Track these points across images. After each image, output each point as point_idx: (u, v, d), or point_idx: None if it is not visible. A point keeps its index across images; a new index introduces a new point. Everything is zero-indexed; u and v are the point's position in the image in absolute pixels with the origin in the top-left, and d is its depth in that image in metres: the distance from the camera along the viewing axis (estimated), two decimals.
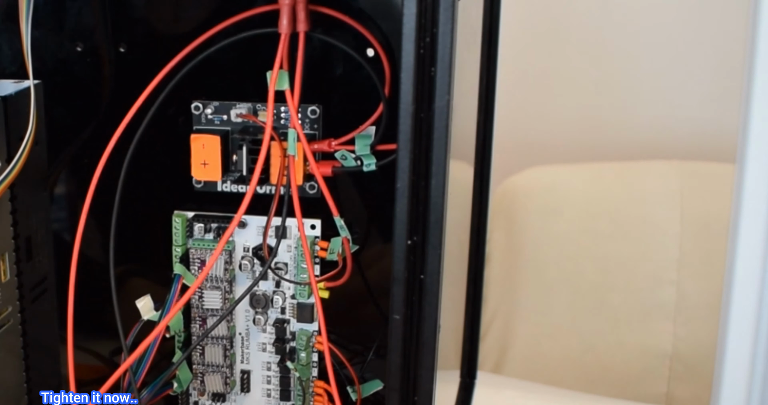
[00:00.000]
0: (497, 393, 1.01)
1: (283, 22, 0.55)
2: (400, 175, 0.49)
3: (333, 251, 0.61)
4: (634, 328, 1.30)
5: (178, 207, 0.63)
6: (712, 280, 1.25)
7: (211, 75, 0.61)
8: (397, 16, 0.51)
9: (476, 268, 0.79)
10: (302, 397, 0.64)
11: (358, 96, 0.61)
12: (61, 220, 0.66)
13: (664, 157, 1.37)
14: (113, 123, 0.58)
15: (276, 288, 0.63)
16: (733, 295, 0.56)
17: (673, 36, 1.41)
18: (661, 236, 1.30)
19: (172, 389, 0.63)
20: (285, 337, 0.63)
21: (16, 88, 0.59)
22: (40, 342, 0.64)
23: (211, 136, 0.59)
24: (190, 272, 0.62)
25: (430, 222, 0.50)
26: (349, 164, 0.59)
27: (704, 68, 1.41)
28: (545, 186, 1.37)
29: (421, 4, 0.47)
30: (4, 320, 0.59)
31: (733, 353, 0.57)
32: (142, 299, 0.60)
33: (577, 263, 1.32)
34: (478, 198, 0.78)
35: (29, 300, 0.62)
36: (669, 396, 1.29)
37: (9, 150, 0.57)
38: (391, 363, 0.52)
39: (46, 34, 0.62)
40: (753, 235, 0.55)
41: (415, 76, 0.48)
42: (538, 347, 1.33)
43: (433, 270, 0.51)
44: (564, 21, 1.44)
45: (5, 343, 0.60)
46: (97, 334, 0.68)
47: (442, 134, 0.49)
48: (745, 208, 0.54)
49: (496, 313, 1.36)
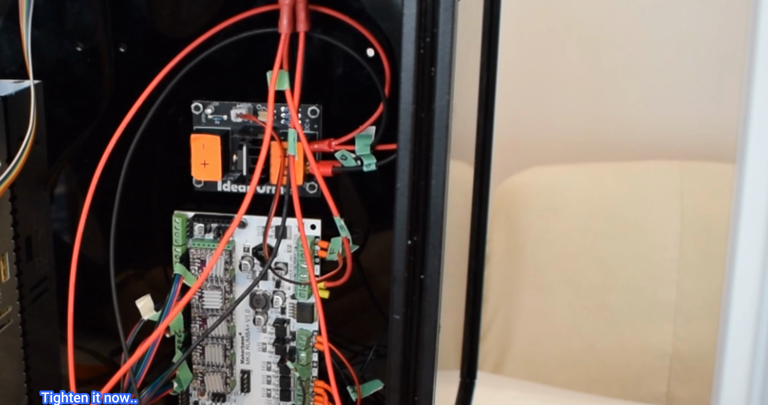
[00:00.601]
0: (497, 393, 1.01)
1: (283, 22, 0.55)
2: (400, 175, 0.49)
3: (333, 251, 0.61)
4: (634, 328, 1.30)
5: (178, 207, 0.63)
6: (712, 280, 1.26)
7: (211, 75, 0.61)
8: (397, 16, 0.51)
9: (476, 268, 0.79)
10: (302, 397, 0.64)
11: (358, 96, 0.61)
12: (61, 220, 0.66)
13: (664, 157, 1.37)
14: (113, 123, 0.58)
15: (276, 288, 0.63)
16: (733, 295, 0.56)
17: (673, 36, 1.41)
18: (661, 236, 1.30)
19: (172, 389, 0.63)
20: (285, 337, 0.63)
21: (16, 88, 0.59)
22: (40, 342, 0.64)
23: (211, 136, 0.59)
24: (190, 272, 0.62)
25: (430, 222, 0.50)
26: (349, 164, 0.59)
27: (704, 68, 1.41)
28: (545, 186, 1.37)
29: (421, 4, 0.47)
30: (4, 320, 0.59)
31: (733, 353, 0.57)
32: (142, 299, 0.60)
33: (577, 263, 1.32)
34: (478, 198, 0.78)
35: (29, 300, 0.62)
36: (669, 396, 1.29)
37: (9, 150, 0.57)
38: (391, 363, 0.52)
39: (46, 34, 0.62)
40: (753, 235, 0.55)
41: (415, 76, 0.48)
42: (538, 347, 1.33)
43: (433, 270, 0.51)
44: (564, 21, 1.44)
45: (5, 343, 0.60)
46: (97, 334, 0.68)
47: (442, 134, 0.49)
48: (745, 208, 0.54)
49: (496, 313, 1.36)
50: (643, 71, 1.42)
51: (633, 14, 1.41)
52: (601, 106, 1.45)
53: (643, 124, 1.44)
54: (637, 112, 1.44)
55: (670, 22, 1.40)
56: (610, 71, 1.44)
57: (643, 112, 1.43)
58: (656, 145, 1.42)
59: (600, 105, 1.45)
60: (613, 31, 1.42)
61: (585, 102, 1.45)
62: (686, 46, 1.40)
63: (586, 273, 1.32)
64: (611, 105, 1.45)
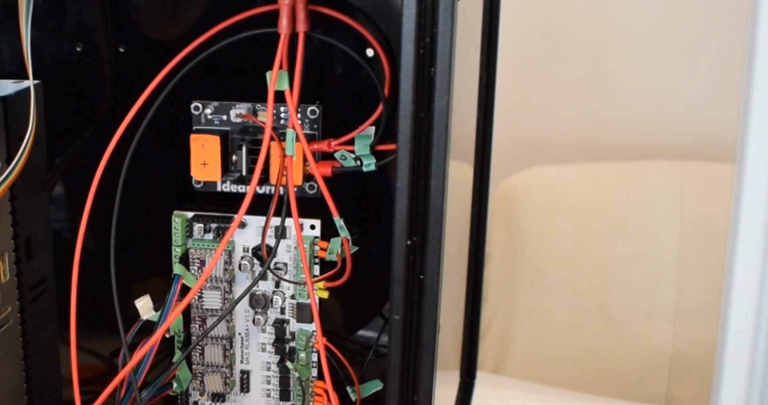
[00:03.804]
0: (497, 393, 1.01)
1: (283, 22, 0.55)
2: (399, 175, 0.49)
3: (332, 251, 0.61)
4: (633, 328, 1.30)
5: (178, 207, 0.63)
6: (712, 280, 1.26)
7: (211, 75, 0.61)
8: (397, 16, 0.51)
9: (476, 268, 0.79)
10: (302, 397, 0.64)
11: (358, 96, 0.61)
12: (61, 220, 0.67)
13: (664, 157, 1.37)
14: (113, 123, 0.58)
15: (276, 288, 0.63)
16: (733, 295, 0.56)
17: (673, 36, 1.41)
18: (661, 236, 1.30)
19: (172, 389, 0.63)
20: (285, 337, 0.63)
21: (16, 88, 0.59)
22: (40, 342, 0.64)
23: (210, 136, 0.59)
24: (189, 272, 0.62)
25: (429, 222, 0.50)
26: (348, 164, 0.59)
27: (704, 68, 1.41)
28: (545, 186, 1.37)
29: (420, 4, 0.47)
30: (4, 320, 0.59)
31: (733, 353, 0.57)
32: (141, 299, 0.60)
33: (577, 263, 1.32)
34: (477, 198, 0.78)
35: (29, 300, 0.62)
36: (669, 396, 1.29)
37: (9, 150, 0.57)
38: (391, 363, 0.52)
39: (46, 34, 0.62)
40: (753, 235, 0.55)
41: (414, 76, 0.48)
42: (538, 347, 1.33)
43: (433, 270, 0.51)
44: (564, 21, 1.44)
45: (5, 343, 0.60)
46: (96, 333, 0.68)
47: (442, 134, 0.49)
48: (744, 208, 0.54)
49: (496, 313, 1.36)
50: (642, 71, 1.42)
51: (633, 14, 1.41)
52: (601, 106, 1.45)
53: (643, 124, 1.44)
54: (637, 112, 1.44)
55: (670, 22, 1.40)
56: (610, 71, 1.44)
57: (643, 112, 1.43)
58: (656, 145, 1.42)
59: (600, 105, 1.45)
60: (613, 31, 1.42)
61: (585, 102, 1.45)
62: (686, 46, 1.40)
63: (586, 273, 1.32)
64: (611, 105, 1.45)
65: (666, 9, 1.40)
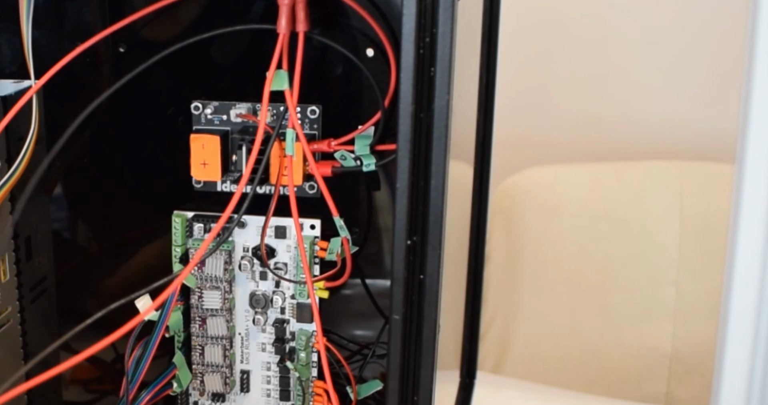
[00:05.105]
0: (497, 393, 1.01)
1: (282, 22, 0.55)
2: (399, 175, 0.49)
3: (332, 251, 0.61)
4: (633, 328, 1.30)
5: (178, 207, 0.63)
6: (712, 280, 1.26)
7: (210, 75, 0.61)
8: (397, 16, 0.51)
9: (476, 268, 0.79)
10: (302, 397, 0.64)
11: (358, 96, 0.61)
12: (61, 220, 0.66)
13: (664, 157, 1.37)
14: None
15: (276, 288, 0.63)
16: (733, 295, 0.56)
17: (673, 36, 1.41)
18: (661, 236, 1.30)
19: (172, 389, 0.63)
20: (285, 337, 0.63)
21: (16, 88, 0.59)
22: (40, 342, 0.64)
23: (210, 136, 0.59)
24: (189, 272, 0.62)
25: (429, 222, 0.50)
26: (348, 164, 0.59)
27: (704, 68, 1.41)
28: (545, 186, 1.37)
29: (420, 4, 0.47)
30: (4, 320, 0.59)
31: (733, 353, 0.57)
32: (141, 299, 0.60)
33: (577, 263, 1.32)
34: (477, 198, 0.78)
35: (29, 300, 0.62)
36: (669, 396, 1.29)
37: (9, 150, 0.57)
38: (391, 363, 0.52)
39: (46, 34, 0.62)
40: (753, 235, 0.55)
41: (414, 76, 0.48)
42: (537, 347, 1.33)
43: (433, 270, 0.51)
44: (564, 21, 1.44)
45: (5, 343, 0.60)
46: (96, 333, 0.68)
47: (442, 134, 0.49)
48: (744, 208, 0.54)
49: (495, 313, 1.36)
50: (642, 71, 1.42)
51: (633, 14, 1.41)
52: (601, 106, 1.45)
53: (643, 124, 1.44)
54: (637, 112, 1.44)
55: (669, 22, 1.40)
56: (609, 71, 1.44)
57: (643, 112, 1.43)
58: (656, 145, 1.42)
59: (600, 105, 1.45)
60: (613, 30, 1.42)
61: (585, 102, 1.45)
62: (686, 46, 1.40)
63: (586, 273, 1.32)
64: (611, 105, 1.45)
65: (666, 9, 1.40)
